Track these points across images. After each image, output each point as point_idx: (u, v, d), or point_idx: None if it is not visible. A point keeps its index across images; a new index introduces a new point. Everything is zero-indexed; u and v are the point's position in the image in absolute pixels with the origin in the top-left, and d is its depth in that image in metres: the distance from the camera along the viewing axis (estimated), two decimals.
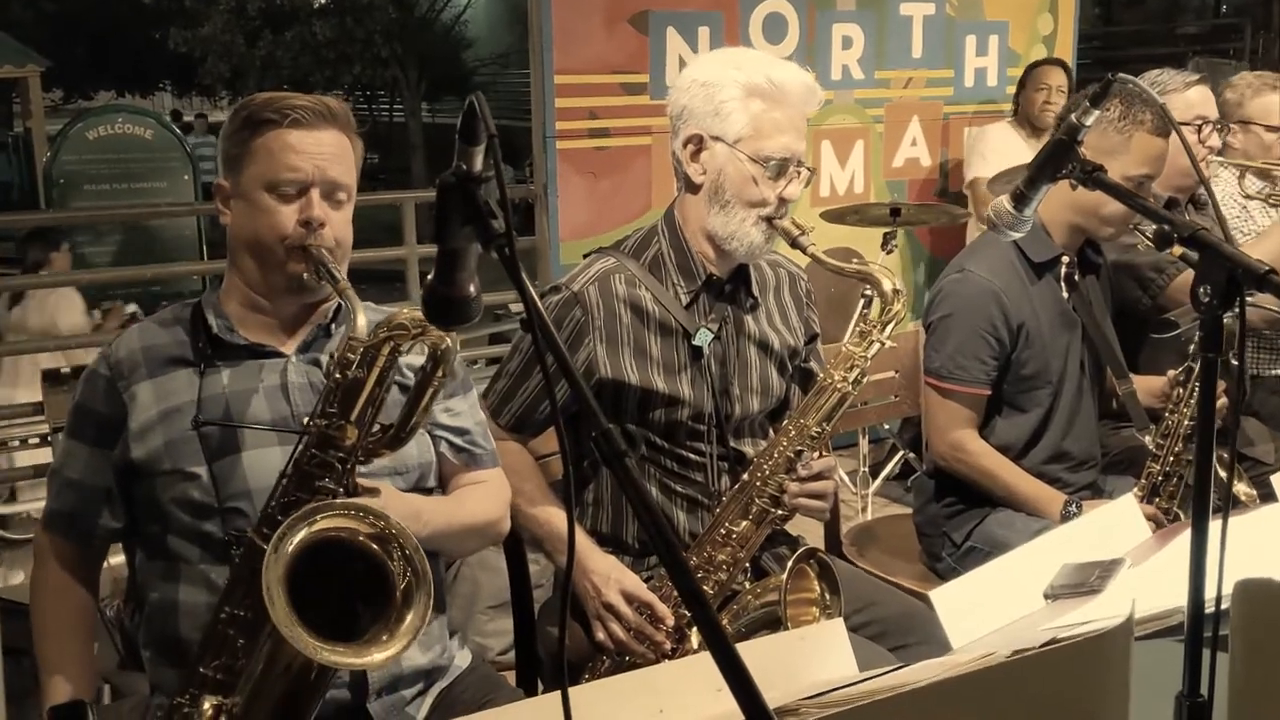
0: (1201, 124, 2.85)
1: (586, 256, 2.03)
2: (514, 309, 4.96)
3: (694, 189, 1.94)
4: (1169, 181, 2.75)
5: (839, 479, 3.89)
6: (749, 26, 4.27)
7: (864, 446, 3.83)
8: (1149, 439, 2.37)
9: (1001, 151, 4.27)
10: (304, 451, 1.50)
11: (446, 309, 1.05)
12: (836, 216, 4.07)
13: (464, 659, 1.81)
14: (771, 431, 2.08)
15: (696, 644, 1.86)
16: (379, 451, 1.54)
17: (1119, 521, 1.89)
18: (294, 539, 1.38)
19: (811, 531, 2.21)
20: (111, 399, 1.65)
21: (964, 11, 4.72)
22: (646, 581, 1.91)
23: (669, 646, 1.86)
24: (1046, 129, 4.19)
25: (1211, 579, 1.29)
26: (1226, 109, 3.18)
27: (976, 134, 4.60)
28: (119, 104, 17.42)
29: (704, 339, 1.94)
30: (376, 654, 1.39)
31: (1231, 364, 1.34)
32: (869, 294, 3.88)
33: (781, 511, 1.89)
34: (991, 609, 1.73)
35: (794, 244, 1.92)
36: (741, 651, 1.38)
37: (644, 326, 1.93)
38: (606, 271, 1.95)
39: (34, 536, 1.77)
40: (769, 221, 1.90)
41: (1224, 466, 2.43)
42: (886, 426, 4.11)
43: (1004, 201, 1.62)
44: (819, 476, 1.89)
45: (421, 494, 1.73)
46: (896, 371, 2.85)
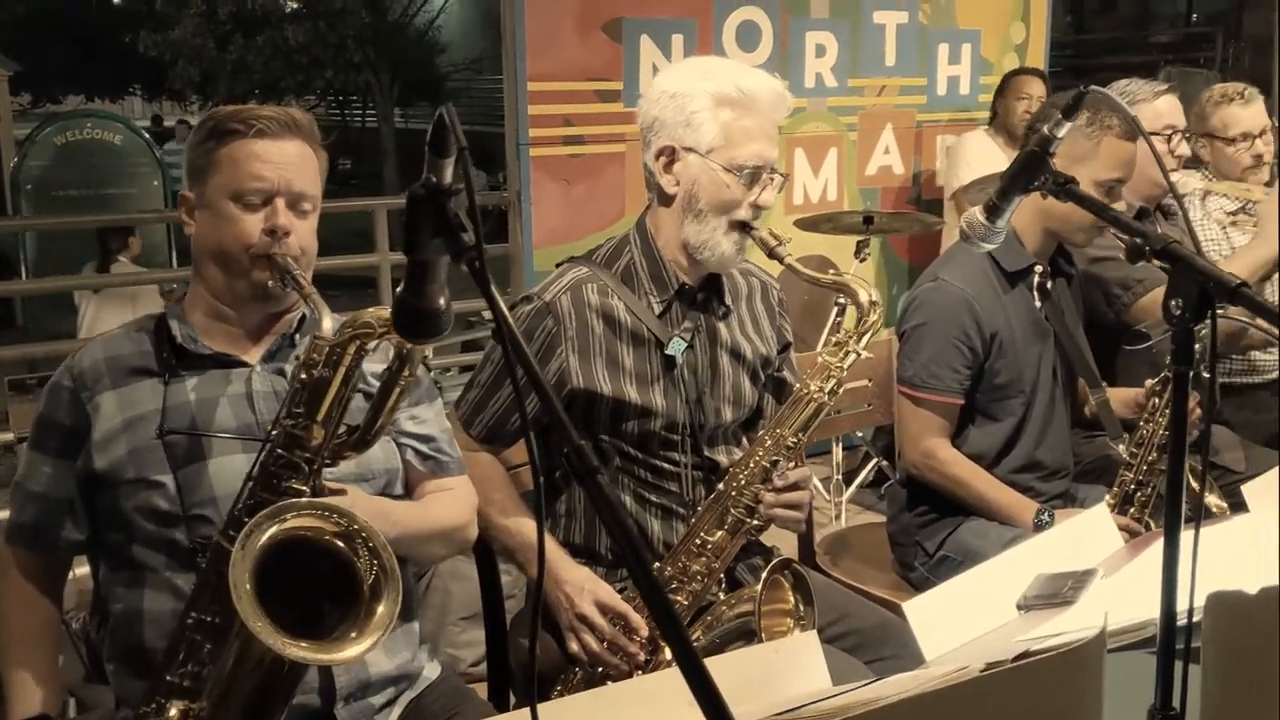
0: (1171, 133, 2.88)
1: (559, 266, 2.02)
2: (487, 316, 4.93)
3: (667, 200, 1.94)
4: (1139, 190, 2.78)
5: (814, 488, 3.92)
6: (722, 34, 4.28)
7: (838, 454, 3.84)
8: (1123, 448, 2.37)
9: (980, 159, 4.29)
10: (270, 453, 1.50)
11: (417, 321, 1.04)
12: (810, 224, 4.07)
13: (433, 670, 1.80)
14: (746, 441, 2.08)
15: (670, 655, 1.84)
16: (345, 454, 1.54)
17: (1092, 532, 1.89)
18: (262, 536, 1.38)
19: (785, 541, 2.20)
20: (75, 410, 1.65)
21: (937, 20, 4.75)
22: (620, 593, 1.89)
23: (643, 658, 1.85)
24: None
25: (1184, 591, 1.29)
26: (1195, 122, 3.21)
27: (955, 143, 4.62)
28: (88, 109, 17.27)
29: (677, 348, 1.93)
30: (348, 650, 1.39)
31: (1203, 376, 1.34)
32: (842, 302, 3.93)
33: (756, 521, 1.88)
34: (965, 620, 1.72)
35: (771, 254, 1.92)
36: (715, 666, 1.37)
37: (617, 336, 1.93)
38: (578, 281, 1.94)
39: None
40: (744, 229, 1.90)
41: (1195, 477, 2.45)
42: (860, 434, 4.12)
43: (976, 213, 1.62)
44: (794, 487, 1.89)
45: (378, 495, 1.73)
46: (870, 380, 2.85)
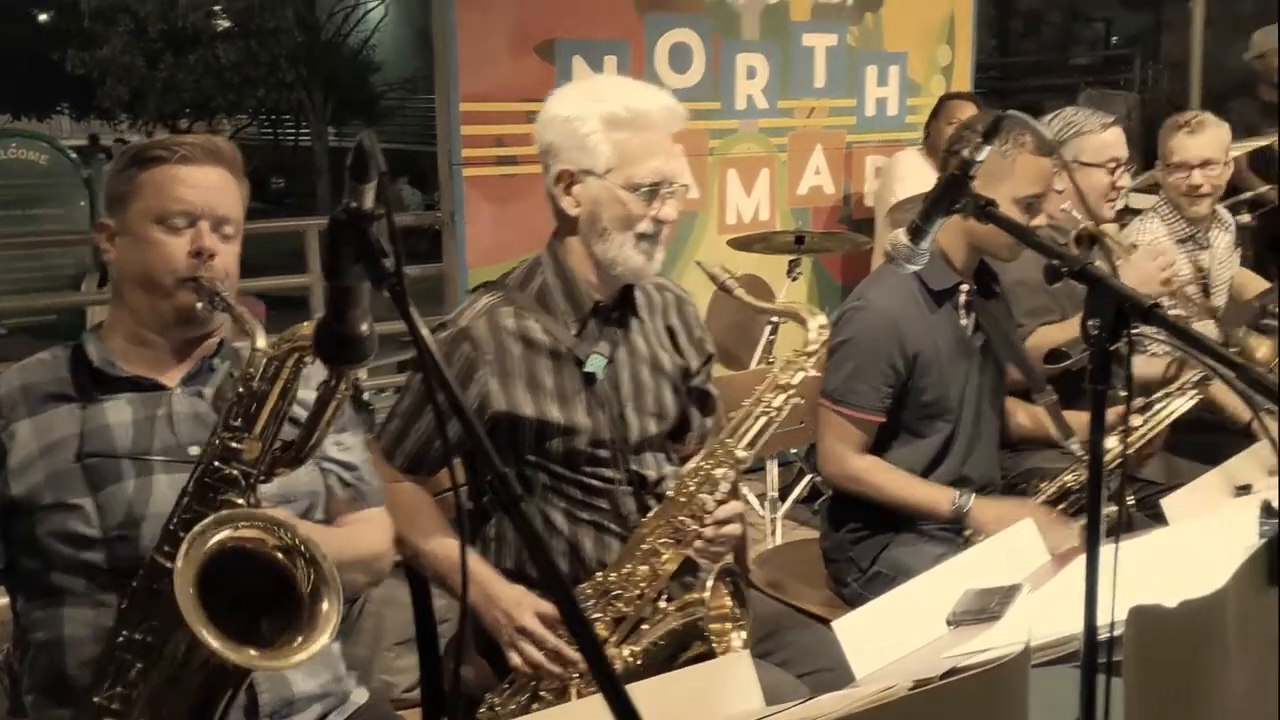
0: (1115, 166, 2.94)
1: (472, 292, 2.03)
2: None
3: (571, 221, 1.96)
4: (1084, 206, 2.85)
5: (750, 502, 3.94)
6: (655, 56, 4.31)
7: (773, 471, 3.86)
8: (1076, 445, 2.41)
9: (913, 178, 4.34)
10: (207, 467, 1.50)
11: (339, 347, 1.04)
12: (743, 244, 4.11)
13: (361, 695, 1.78)
14: (672, 452, 2.10)
15: (616, 662, 1.85)
16: (279, 469, 1.54)
17: (1018, 546, 1.93)
18: (207, 543, 1.38)
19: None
20: None
21: (864, 42, 4.82)
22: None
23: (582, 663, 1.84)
24: None
25: (1105, 605, 1.32)
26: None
27: (889, 162, 4.69)
28: (12, 128, 16.89)
29: (596, 365, 1.95)
30: (297, 654, 1.39)
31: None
32: (776, 321, 3.97)
33: (704, 529, 1.90)
34: (895, 637, 1.74)
35: (722, 288, 1.99)
36: (648, 689, 1.37)
37: (535, 357, 1.94)
38: (492, 305, 1.95)
39: None
40: (649, 240, 1.93)
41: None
42: (794, 451, 4.14)
43: (900, 235, 1.65)
44: (728, 522, 1.91)
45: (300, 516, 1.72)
46: (802, 398, 2.86)
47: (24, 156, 8.06)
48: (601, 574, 1.90)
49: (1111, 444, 2.40)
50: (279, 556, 1.43)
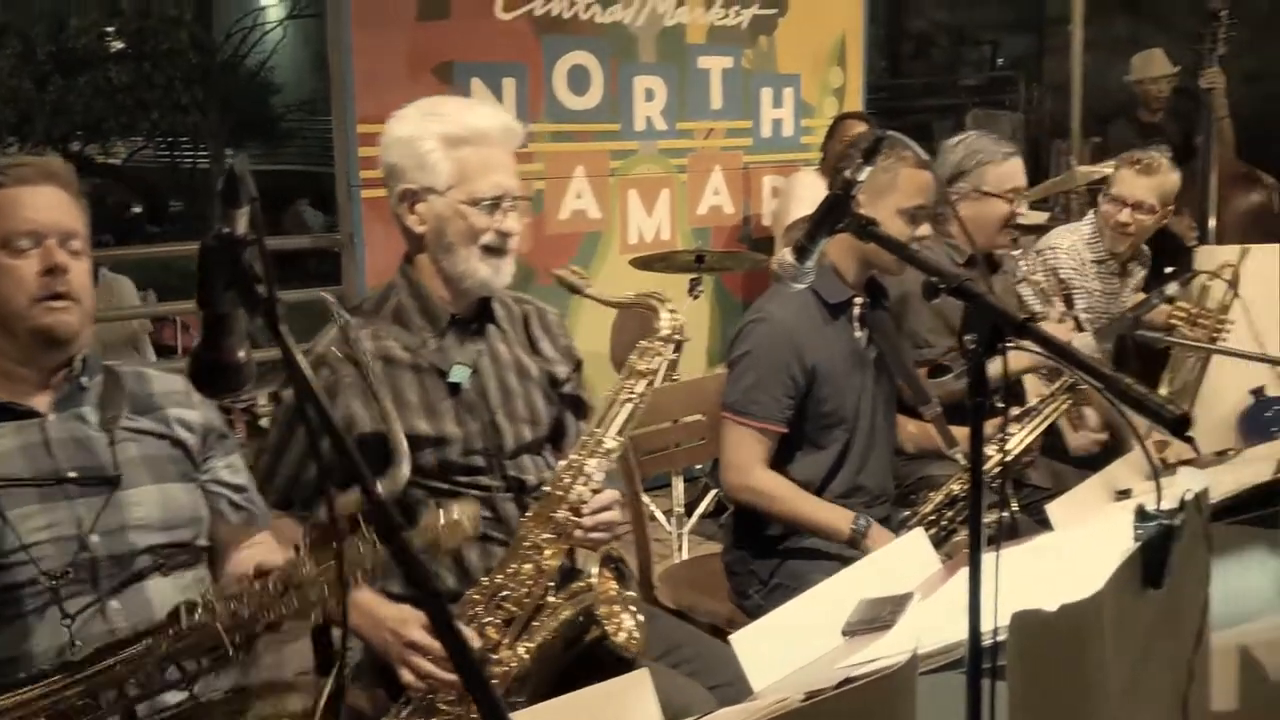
0: (1014, 196, 3.00)
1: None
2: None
3: (418, 239, 1.99)
4: (980, 241, 2.95)
5: (656, 517, 3.95)
6: (553, 78, 4.33)
7: (678, 487, 3.88)
8: (960, 455, 2.47)
9: (810, 198, 4.39)
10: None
11: (214, 376, 1.02)
12: (644, 264, 4.14)
13: None
14: (552, 458, 2.11)
15: (513, 663, 1.85)
16: None
17: (910, 555, 1.97)
18: None
19: None
20: None
21: (759, 65, 4.89)
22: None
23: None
24: None
25: (990, 611, 1.35)
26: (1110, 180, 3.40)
27: (787, 182, 4.77)
28: None
29: (460, 375, 1.98)
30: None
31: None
32: (678, 338, 4.01)
33: (584, 521, 1.92)
34: (792, 648, 1.76)
35: (573, 289, 2.06)
36: (550, 710, 1.37)
37: (397, 374, 1.95)
38: (349, 328, 1.95)
39: None
40: (496, 253, 1.97)
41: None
42: (699, 466, 4.17)
43: (786, 254, 1.69)
44: (604, 509, 1.93)
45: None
46: (704, 415, 2.90)
47: None
48: (487, 579, 1.91)
49: (993, 453, 2.49)
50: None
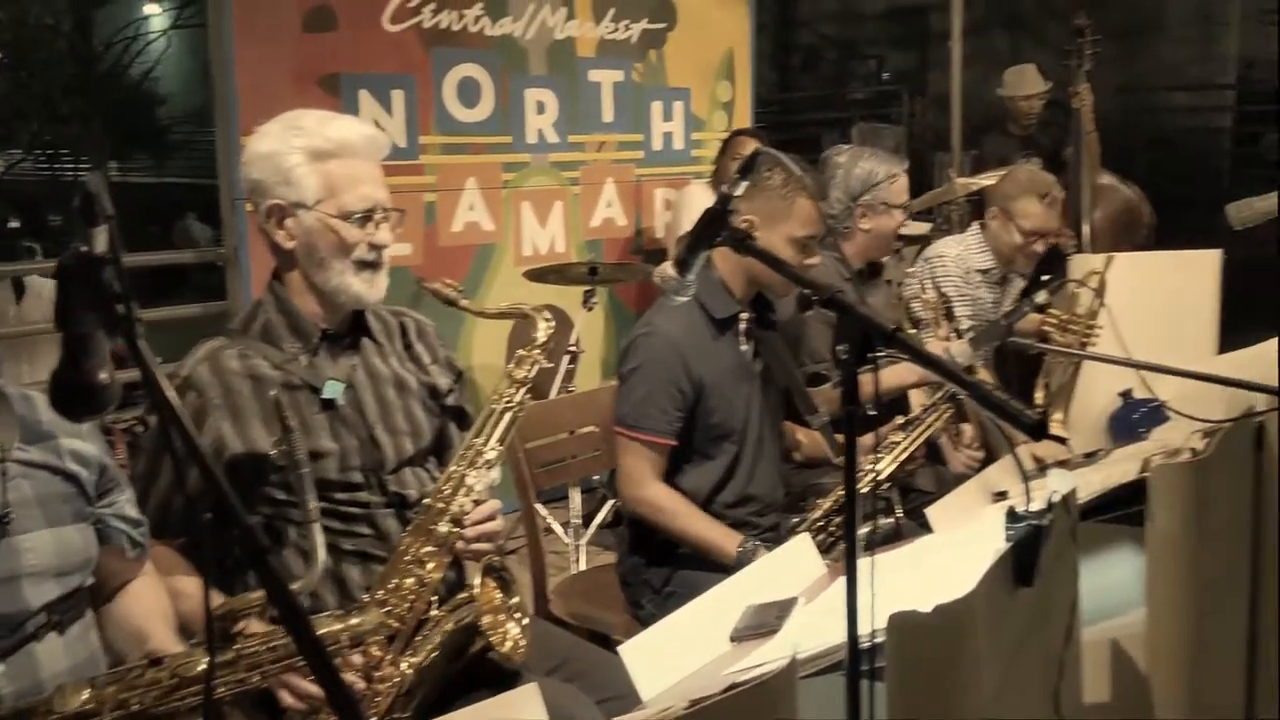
0: (903, 210, 3.13)
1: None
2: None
3: (288, 255, 1.97)
4: (867, 254, 3.11)
5: (554, 530, 3.94)
6: (443, 90, 4.31)
7: (575, 499, 3.88)
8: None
9: (701, 211, 4.46)
10: None
11: (75, 398, 0.99)
12: (538, 276, 4.14)
13: None
14: (436, 471, 2.09)
15: (397, 679, 1.83)
16: None
17: (796, 560, 2.00)
18: None
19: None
20: None
21: (649, 78, 4.94)
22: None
23: (362, 685, 1.82)
24: None
25: (869, 613, 1.38)
26: (997, 195, 3.51)
27: (679, 196, 4.81)
28: None
29: (334, 390, 1.96)
30: None
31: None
32: (574, 350, 4.03)
33: (465, 533, 1.91)
34: (681, 657, 1.78)
35: (448, 303, 2.06)
36: None
37: (268, 392, 1.92)
38: (214, 350, 1.93)
39: None
40: (369, 266, 1.95)
41: (896, 502, 2.64)
42: (597, 477, 4.18)
43: (667, 268, 1.71)
44: (487, 519, 1.93)
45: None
46: (598, 426, 2.91)
47: None
48: (369, 594, 1.89)
49: (878, 459, 2.55)
50: None
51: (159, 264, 5.22)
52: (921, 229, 4.86)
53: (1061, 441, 2.89)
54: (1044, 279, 3.03)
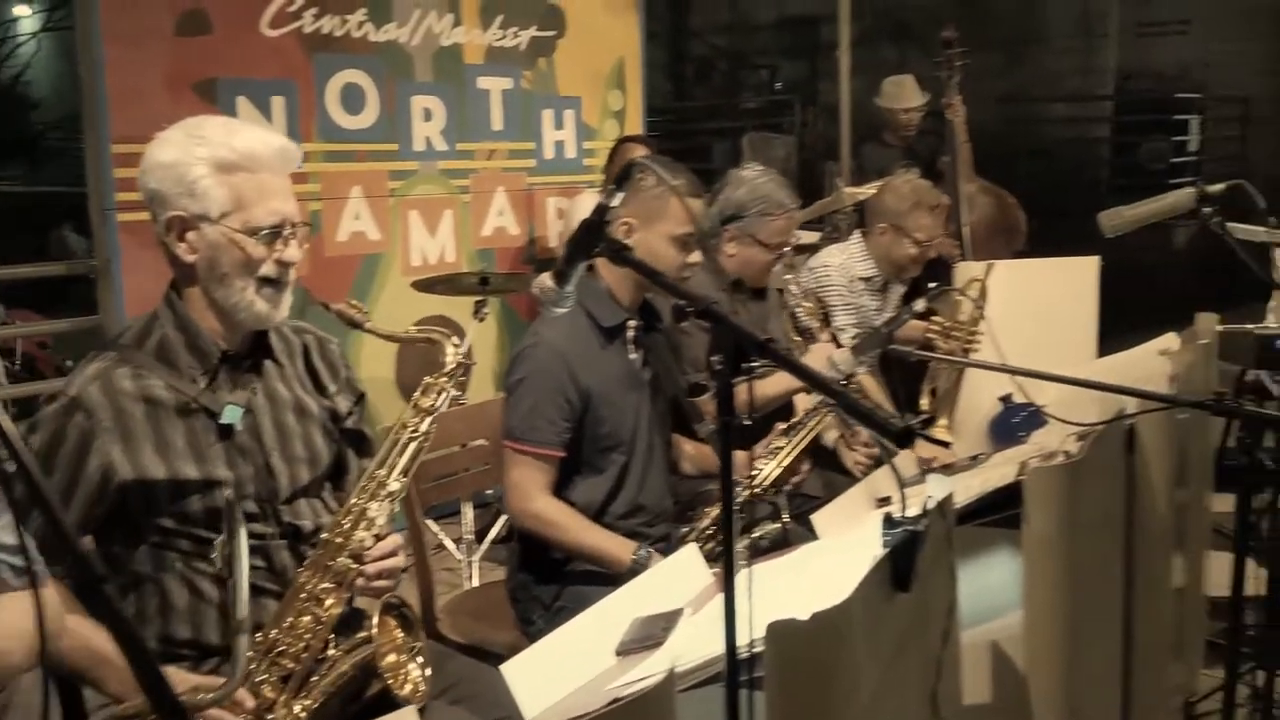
0: (781, 249, 3.06)
1: (86, 357, 1.90)
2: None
3: (189, 270, 1.87)
4: (748, 274, 3.06)
5: (446, 546, 3.88)
6: (325, 96, 4.22)
7: (468, 514, 3.82)
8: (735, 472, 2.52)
9: None
10: None
11: None
12: (427, 286, 4.07)
13: None
14: (331, 500, 2.03)
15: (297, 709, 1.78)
16: None
17: (683, 571, 1.99)
18: None
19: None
20: None
21: (539, 86, 4.91)
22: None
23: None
24: None
25: (750, 622, 1.38)
26: (885, 210, 3.54)
27: (571, 204, 4.79)
28: None
29: (233, 415, 1.87)
30: None
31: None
32: (466, 362, 3.96)
33: (365, 569, 1.85)
34: (565, 673, 1.76)
35: (353, 325, 1.96)
36: None
37: (162, 416, 1.83)
38: (106, 369, 1.83)
39: None
40: (274, 284, 1.88)
41: (783, 508, 2.66)
42: (490, 491, 4.13)
43: (545, 279, 1.69)
44: (388, 555, 1.88)
45: None
46: (488, 439, 2.87)
47: None
48: (261, 633, 1.81)
49: (766, 467, 2.57)
50: None
51: (26, 278, 5.01)
52: (812, 238, 4.91)
53: (945, 446, 2.94)
54: (931, 286, 3.09)
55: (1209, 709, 2.55)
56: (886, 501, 2.25)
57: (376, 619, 1.80)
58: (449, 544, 3.88)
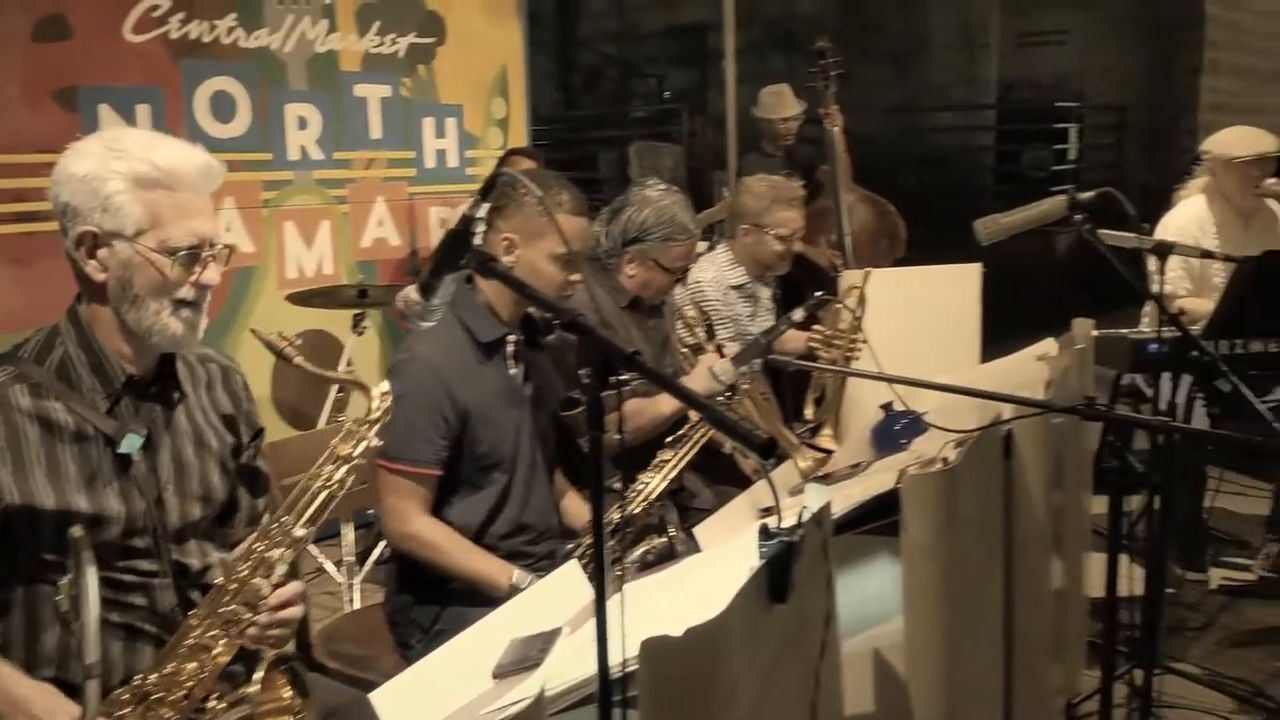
0: (683, 272, 3.11)
1: None
2: None
3: (98, 288, 1.77)
4: (636, 292, 3.02)
5: (326, 569, 3.76)
6: (194, 104, 4.08)
7: (349, 534, 3.71)
8: (617, 483, 2.48)
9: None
10: None
11: None
12: (303, 299, 3.95)
13: None
14: (219, 537, 1.94)
15: None
16: None
17: (563, 589, 1.95)
18: None
19: None
20: None
21: (419, 94, 4.82)
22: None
23: None
24: None
25: (639, 638, 1.34)
26: (744, 211, 3.53)
27: (454, 214, 4.70)
28: None
29: (132, 445, 1.77)
30: None
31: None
32: (342, 394, 3.86)
33: (259, 618, 1.76)
34: (440, 698, 1.70)
35: (280, 356, 1.86)
36: None
37: (57, 441, 1.73)
38: (3, 384, 1.73)
39: None
40: (191, 307, 1.78)
41: (671, 522, 2.63)
42: (371, 511, 4.02)
43: (411, 292, 1.63)
44: (287, 604, 1.79)
45: None
46: (366, 459, 2.77)
47: None
48: (140, 677, 1.72)
49: (650, 479, 2.54)
50: None
51: None
52: (700, 248, 4.91)
53: (828, 454, 2.95)
54: (818, 295, 3.10)
55: (1091, 709, 2.59)
56: (769, 512, 2.24)
57: (261, 673, 1.71)
58: (329, 567, 3.76)
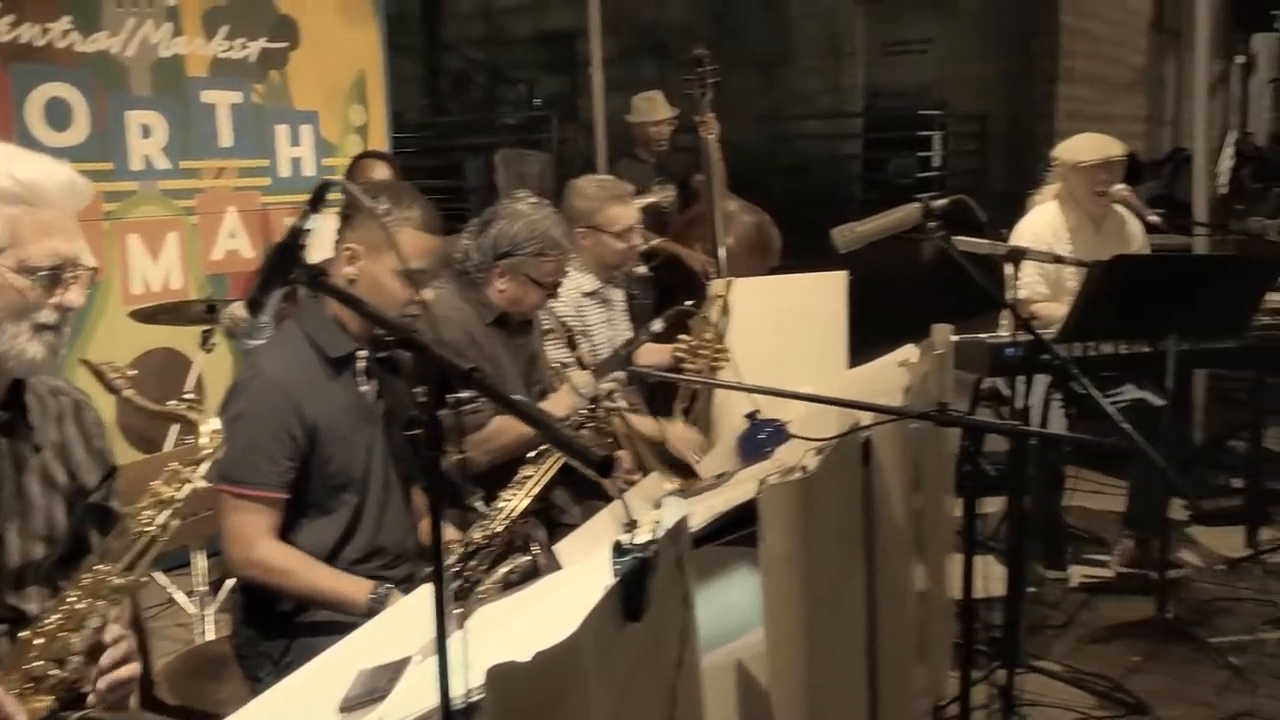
0: (554, 288, 2.99)
1: None
2: None
3: None
4: (506, 309, 2.90)
5: (177, 600, 3.58)
6: (26, 111, 3.87)
7: (200, 563, 3.54)
8: (480, 503, 2.41)
9: (330, 237, 4.25)
10: None
11: None
12: (148, 316, 3.76)
13: None
14: (62, 581, 1.80)
15: None
16: None
17: (419, 612, 1.87)
18: None
19: None
20: None
21: (272, 100, 4.67)
22: None
23: None
24: None
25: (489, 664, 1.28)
26: (577, 215, 3.44)
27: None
28: None
29: None
30: None
31: None
32: (191, 399, 3.67)
33: (68, 675, 1.66)
34: None
35: (110, 388, 1.80)
36: None
37: None
38: None
39: None
40: (52, 330, 1.68)
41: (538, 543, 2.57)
42: None
43: (237, 309, 1.54)
44: (123, 661, 1.70)
45: None
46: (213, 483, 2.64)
47: None
48: None
49: (511, 497, 2.47)
50: None
51: None
52: None
53: (691, 475, 2.93)
54: (677, 307, 3.09)
55: (958, 711, 2.61)
56: (633, 526, 2.20)
57: None
58: (180, 597, 3.59)
